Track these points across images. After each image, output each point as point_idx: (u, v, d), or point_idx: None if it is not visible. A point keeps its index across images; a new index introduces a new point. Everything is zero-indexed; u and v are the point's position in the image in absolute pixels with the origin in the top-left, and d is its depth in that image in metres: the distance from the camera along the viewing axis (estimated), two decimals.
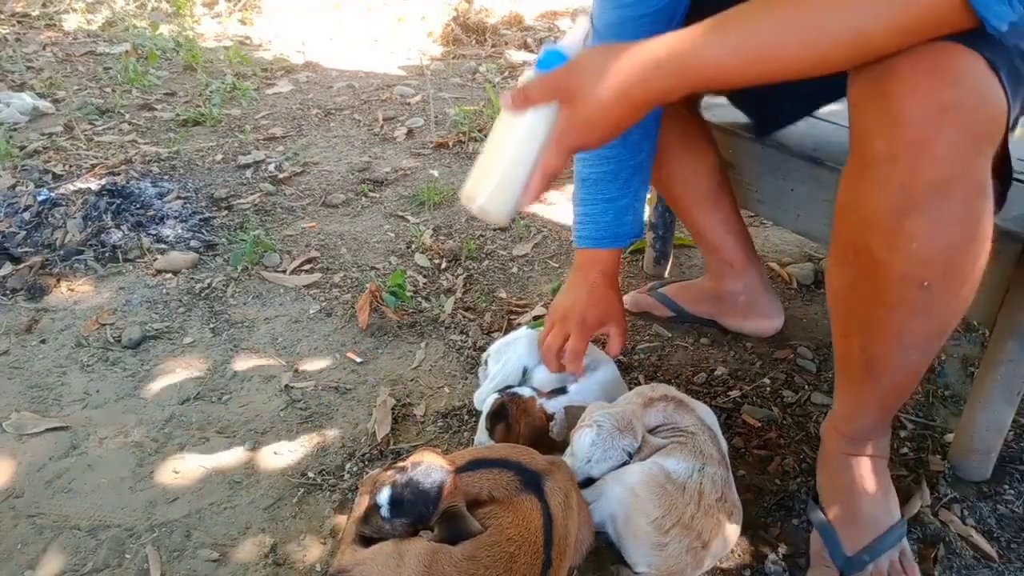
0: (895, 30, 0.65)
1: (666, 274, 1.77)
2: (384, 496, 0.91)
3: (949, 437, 1.23)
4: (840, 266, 0.82)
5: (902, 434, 1.26)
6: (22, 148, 2.49)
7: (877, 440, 1.01)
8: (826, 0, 0.65)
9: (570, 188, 2.28)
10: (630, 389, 1.17)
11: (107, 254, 1.86)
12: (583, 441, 1.02)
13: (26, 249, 1.86)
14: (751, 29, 0.67)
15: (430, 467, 0.92)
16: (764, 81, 0.69)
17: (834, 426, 1.01)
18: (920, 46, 0.66)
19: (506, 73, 3.52)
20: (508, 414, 1.14)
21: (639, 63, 0.70)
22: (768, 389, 1.38)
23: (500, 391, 1.19)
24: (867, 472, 1.00)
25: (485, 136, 2.63)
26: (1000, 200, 0.77)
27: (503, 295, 1.70)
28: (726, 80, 0.73)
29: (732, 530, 1.00)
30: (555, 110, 0.75)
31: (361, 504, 1.05)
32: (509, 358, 1.28)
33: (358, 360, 1.50)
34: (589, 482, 1.04)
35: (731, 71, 0.69)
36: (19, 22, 4.11)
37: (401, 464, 0.95)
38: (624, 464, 1.03)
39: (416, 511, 0.91)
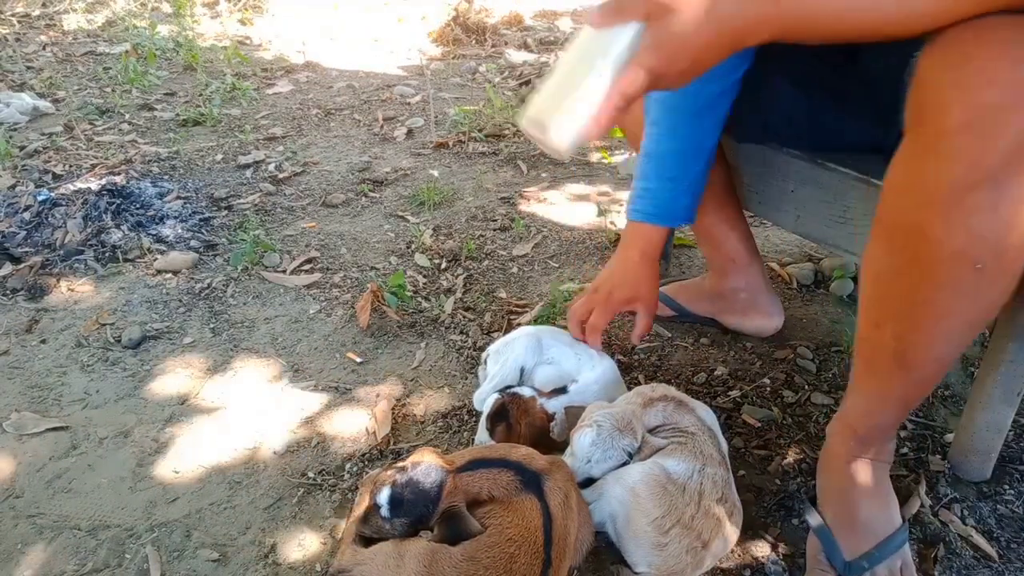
0: None
1: (667, 273, 1.77)
2: (384, 496, 0.91)
3: (949, 437, 1.23)
4: (885, 250, 0.81)
5: (902, 434, 1.26)
6: (22, 148, 2.49)
7: (886, 442, 1.00)
8: None
9: (569, 189, 2.28)
10: (630, 389, 1.17)
11: (107, 254, 1.86)
12: (583, 441, 1.03)
13: (26, 249, 1.86)
14: None
15: (430, 467, 0.92)
16: (871, 35, 0.71)
17: (846, 424, 0.99)
18: (1001, 15, 0.66)
19: (506, 73, 3.52)
20: (509, 414, 1.14)
21: (742, 8, 0.69)
22: (768, 389, 1.38)
23: (501, 391, 1.19)
24: (871, 477, 0.99)
25: (485, 136, 2.63)
26: None
27: (503, 295, 1.70)
28: (838, 27, 0.71)
29: (732, 530, 1.00)
30: (640, 27, 0.70)
31: (361, 504, 1.05)
32: (508, 358, 1.27)
33: (358, 360, 1.50)
34: (589, 482, 1.04)
35: (850, 18, 0.70)
36: (19, 22, 4.11)
37: (401, 464, 0.95)
38: (624, 464, 1.03)
39: (416, 511, 0.90)
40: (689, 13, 0.68)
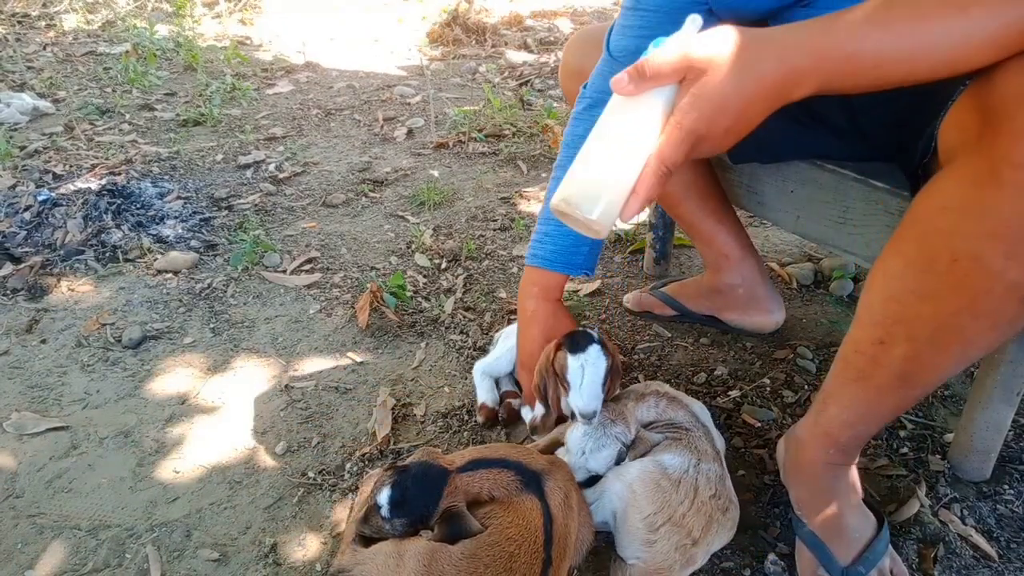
0: None
1: (666, 273, 1.77)
2: (384, 496, 0.91)
3: (949, 437, 1.23)
4: (919, 271, 0.75)
5: (902, 434, 1.26)
6: (22, 148, 2.49)
7: (861, 447, 0.99)
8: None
9: None
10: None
11: (107, 254, 1.86)
12: (574, 435, 1.04)
13: (26, 249, 1.86)
14: (915, 27, 0.65)
15: (430, 467, 0.92)
16: (907, 82, 0.67)
17: (824, 432, 0.96)
18: None
19: (506, 73, 3.52)
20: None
21: (778, 65, 0.66)
22: (768, 389, 1.38)
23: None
24: (851, 483, 0.99)
25: (485, 136, 2.63)
26: None
27: (503, 295, 1.70)
28: (877, 77, 0.68)
29: (727, 526, 1.00)
30: (675, 93, 0.65)
31: (361, 504, 1.05)
32: (512, 345, 1.31)
33: (358, 360, 1.50)
34: (592, 481, 1.04)
35: (889, 68, 0.67)
36: (19, 22, 4.11)
37: (401, 464, 0.95)
38: (619, 452, 1.03)
39: (416, 511, 0.91)
40: (728, 71, 0.65)
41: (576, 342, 1.07)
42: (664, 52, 0.66)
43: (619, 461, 1.05)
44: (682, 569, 0.97)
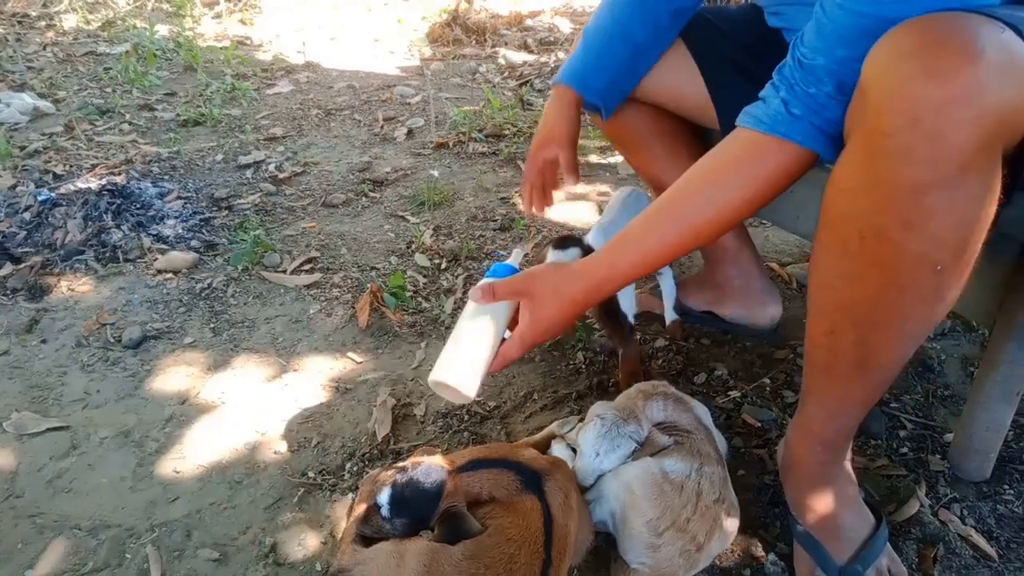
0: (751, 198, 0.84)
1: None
2: (384, 496, 0.91)
3: (949, 437, 1.24)
4: (838, 255, 0.79)
5: (902, 434, 1.26)
6: (22, 148, 2.49)
7: (849, 443, 0.99)
8: (687, 202, 0.87)
9: (568, 188, 2.28)
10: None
11: (107, 254, 1.86)
12: (588, 435, 1.02)
13: (26, 249, 1.86)
14: (648, 242, 0.89)
15: (430, 467, 0.92)
16: (665, 264, 0.95)
17: (808, 431, 0.97)
18: (938, 15, 0.65)
19: (506, 73, 3.52)
20: None
21: (583, 288, 0.91)
22: (768, 389, 1.38)
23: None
24: (844, 480, 0.99)
25: (485, 136, 2.64)
26: (1007, 194, 0.73)
27: None
28: (640, 277, 0.94)
29: (729, 530, 1.00)
30: (510, 304, 0.95)
31: (361, 504, 1.05)
32: None
33: (358, 360, 1.50)
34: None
35: (648, 269, 0.91)
36: (19, 22, 4.11)
37: (401, 464, 0.95)
38: (634, 452, 1.02)
39: (417, 511, 0.90)
40: (545, 297, 0.91)
41: (562, 241, 1.21)
42: (504, 284, 0.93)
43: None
44: (686, 574, 0.97)
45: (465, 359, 0.91)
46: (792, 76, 0.80)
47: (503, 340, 0.95)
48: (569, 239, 1.24)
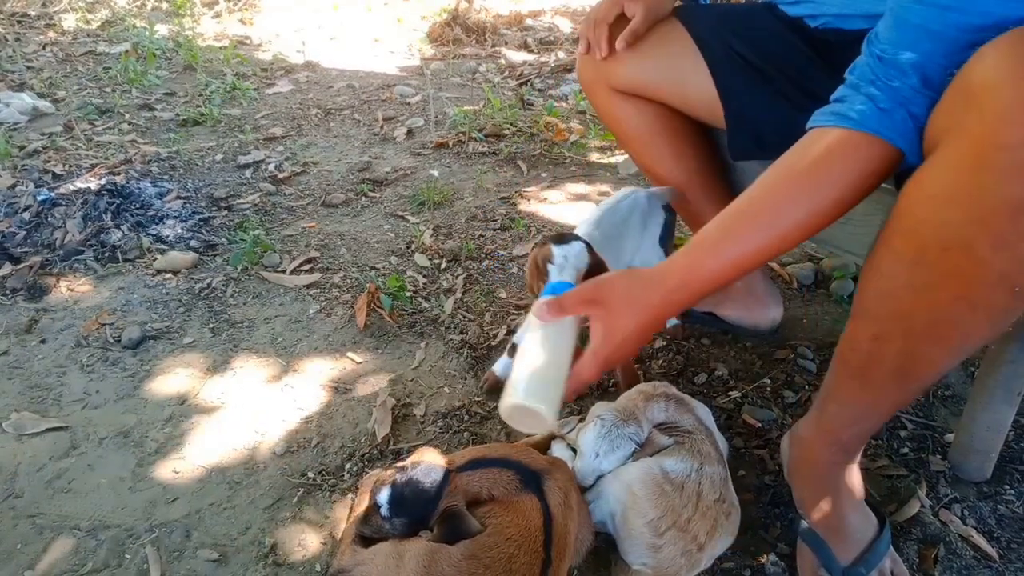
0: (839, 200, 0.79)
1: None
2: (384, 495, 0.91)
3: (949, 437, 1.23)
4: (909, 263, 0.74)
5: (902, 434, 1.26)
6: (22, 148, 2.49)
7: (863, 446, 0.99)
8: (772, 206, 0.81)
9: (569, 188, 2.28)
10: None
11: (107, 254, 1.86)
12: (588, 436, 1.02)
13: (26, 249, 1.86)
14: (733, 248, 0.82)
15: (430, 466, 0.92)
16: (750, 271, 0.85)
17: (827, 431, 0.95)
18: None
19: (506, 73, 3.52)
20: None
21: (660, 294, 0.83)
22: (768, 389, 1.38)
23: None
24: (854, 483, 0.98)
25: (485, 136, 2.64)
26: None
27: (503, 295, 1.70)
28: (722, 284, 0.86)
29: (730, 530, 1.00)
30: (576, 319, 0.87)
31: (361, 504, 1.05)
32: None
33: (358, 360, 1.50)
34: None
35: (729, 278, 0.84)
36: (19, 22, 4.11)
37: (401, 464, 0.95)
38: (634, 453, 1.02)
39: (416, 510, 0.90)
40: (620, 306, 0.83)
41: (560, 237, 1.12)
42: (576, 295, 0.86)
43: None
44: (687, 574, 0.97)
45: (541, 381, 0.82)
46: (873, 72, 0.78)
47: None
48: (567, 235, 1.18)
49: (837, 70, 0.90)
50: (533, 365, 0.84)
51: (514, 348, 1.29)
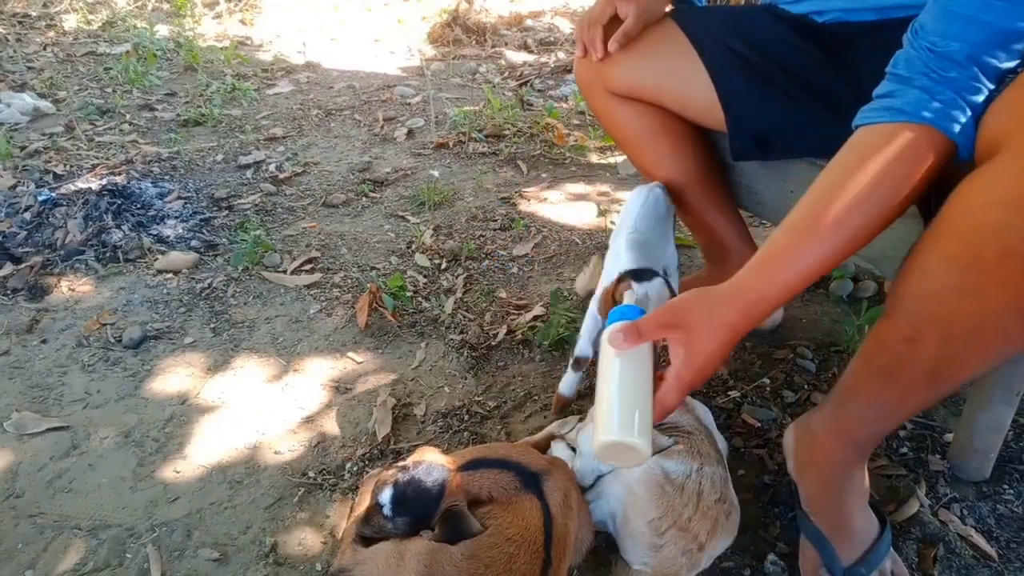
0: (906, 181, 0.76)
1: None
2: (386, 495, 0.91)
3: (949, 437, 1.24)
4: (961, 269, 0.72)
5: (902, 434, 1.26)
6: (23, 148, 2.49)
7: (875, 446, 0.99)
8: (837, 213, 0.77)
9: (569, 189, 2.29)
10: None
11: (108, 254, 1.86)
12: (587, 436, 1.02)
13: (27, 249, 1.86)
14: (803, 259, 0.79)
15: (432, 466, 0.92)
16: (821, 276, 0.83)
17: (843, 430, 0.94)
18: None
19: (506, 73, 3.52)
20: None
21: (738, 311, 0.81)
22: (768, 389, 1.38)
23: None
24: (862, 483, 0.98)
25: (485, 136, 2.64)
26: None
27: (503, 295, 1.71)
28: (796, 294, 0.84)
29: (730, 530, 1.00)
30: (651, 345, 0.85)
31: (361, 503, 1.06)
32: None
33: (358, 360, 1.50)
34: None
35: (802, 286, 0.81)
36: (19, 22, 4.11)
37: (403, 463, 0.95)
38: None
39: (418, 510, 0.91)
40: (701, 327, 0.79)
41: (638, 273, 1.08)
42: (654, 320, 0.83)
43: None
44: (688, 574, 0.97)
45: (632, 413, 0.79)
46: (926, 65, 0.76)
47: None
48: (646, 271, 1.10)
49: (844, 64, 0.91)
50: (619, 398, 0.80)
51: (577, 362, 1.26)
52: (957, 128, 0.74)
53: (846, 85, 1.04)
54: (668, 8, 1.27)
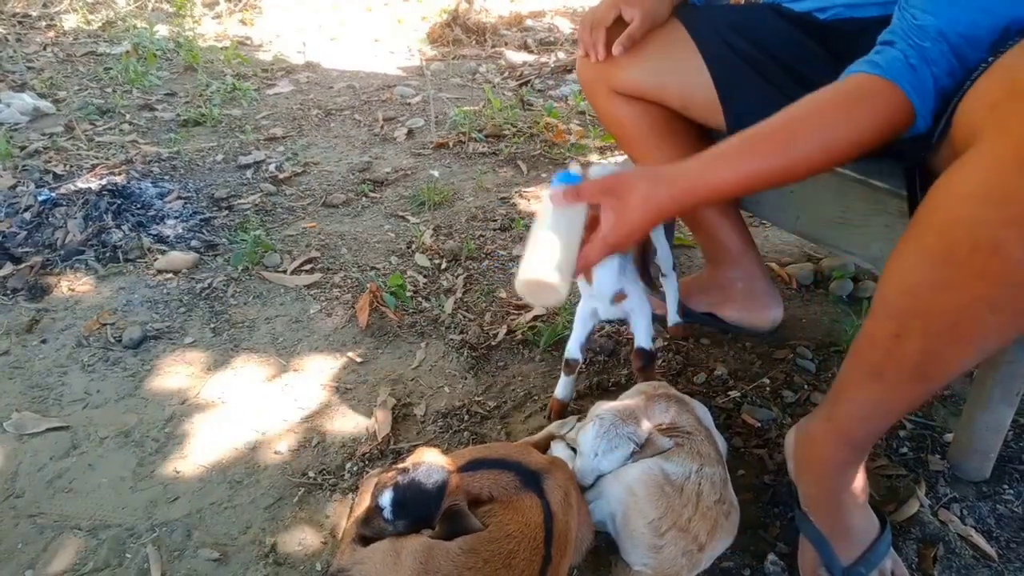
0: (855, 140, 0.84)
1: None
2: (387, 499, 0.91)
3: (949, 437, 1.24)
4: (936, 262, 0.73)
5: (902, 434, 1.26)
6: (23, 148, 2.49)
7: (872, 445, 0.99)
8: (791, 132, 0.86)
9: None
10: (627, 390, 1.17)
11: (108, 254, 1.86)
12: (587, 435, 1.02)
13: (27, 249, 1.86)
14: (746, 164, 0.88)
15: (432, 468, 0.92)
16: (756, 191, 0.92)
17: (838, 429, 0.94)
18: None
19: (506, 73, 3.52)
20: None
21: (671, 195, 0.89)
22: (768, 389, 1.38)
23: None
24: (860, 482, 0.98)
25: (485, 136, 2.64)
26: None
27: (503, 295, 1.71)
28: (727, 197, 0.93)
29: (729, 531, 1.00)
30: (587, 208, 0.94)
31: (361, 504, 1.06)
32: None
33: (358, 360, 1.50)
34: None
35: (734, 192, 0.91)
36: (19, 22, 4.11)
37: (402, 466, 0.95)
38: (633, 453, 1.01)
39: (419, 512, 0.91)
40: (634, 200, 0.89)
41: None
42: (594, 184, 0.92)
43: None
44: (688, 574, 0.97)
45: (553, 255, 0.89)
46: (907, 33, 0.83)
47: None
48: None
49: (847, 61, 0.91)
50: (546, 244, 0.90)
51: (568, 365, 1.28)
52: (916, 92, 0.81)
53: (833, 70, 1.04)
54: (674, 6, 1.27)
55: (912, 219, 0.76)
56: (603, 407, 1.06)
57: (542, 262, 0.88)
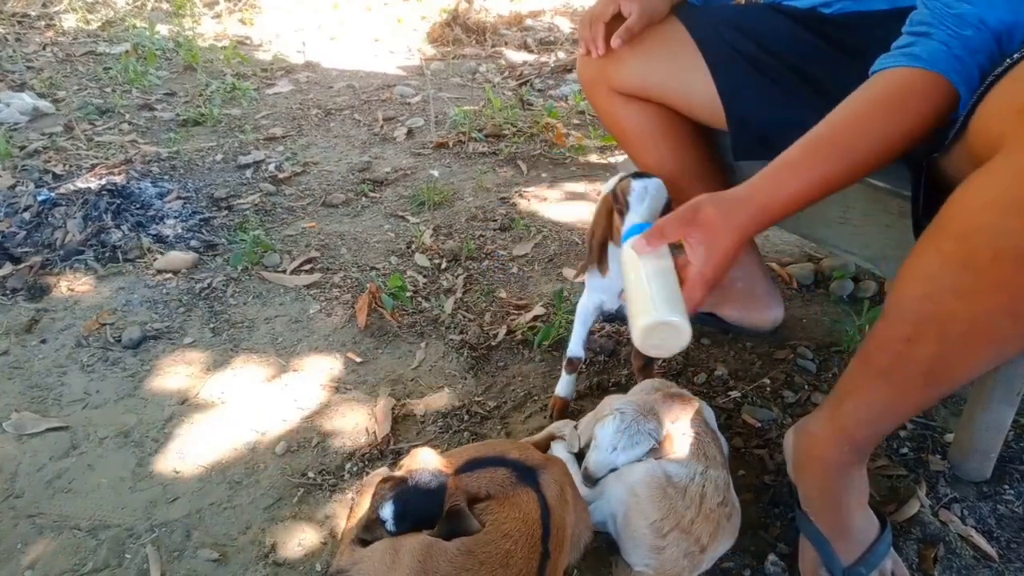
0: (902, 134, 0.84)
1: None
2: (388, 511, 0.91)
3: (949, 437, 1.23)
4: (956, 270, 0.73)
5: (902, 434, 1.26)
6: (22, 148, 2.49)
7: (875, 447, 0.99)
8: (850, 134, 0.86)
9: (569, 188, 2.28)
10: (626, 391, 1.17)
11: (107, 254, 1.86)
12: (607, 430, 1.00)
13: (26, 249, 1.86)
14: (812, 171, 0.87)
15: (431, 475, 0.92)
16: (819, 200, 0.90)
17: (841, 429, 0.94)
18: None
19: (506, 73, 3.52)
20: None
21: (749, 215, 0.87)
22: (768, 389, 1.38)
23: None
24: (860, 483, 0.97)
25: (485, 136, 2.64)
26: None
27: (503, 295, 1.70)
28: (797, 209, 0.90)
29: (731, 533, 1.00)
30: (667, 249, 0.92)
31: (361, 505, 1.05)
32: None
33: (358, 360, 1.50)
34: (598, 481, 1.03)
35: (806, 201, 0.88)
36: (19, 22, 4.11)
37: (400, 475, 0.94)
38: (652, 450, 1.00)
39: (420, 520, 0.91)
40: (719, 227, 0.86)
41: (643, 174, 1.11)
42: (674, 221, 0.89)
43: None
44: (690, 575, 0.97)
45: (667, 297, 0.84)
46: (943, 22, 0.82)
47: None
48: (644, 172, 1.13)
49: (854, 55, 0.92)
50: (652, 287, 0.86)
51: (570, 363, 1.28)
52: (964, 83, 0.80)
53: (856, 75, 1.04)
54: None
55: (932, 224, 0.75)
56: (620, 400, 1.04)
57: (657, 308, 0.84)
